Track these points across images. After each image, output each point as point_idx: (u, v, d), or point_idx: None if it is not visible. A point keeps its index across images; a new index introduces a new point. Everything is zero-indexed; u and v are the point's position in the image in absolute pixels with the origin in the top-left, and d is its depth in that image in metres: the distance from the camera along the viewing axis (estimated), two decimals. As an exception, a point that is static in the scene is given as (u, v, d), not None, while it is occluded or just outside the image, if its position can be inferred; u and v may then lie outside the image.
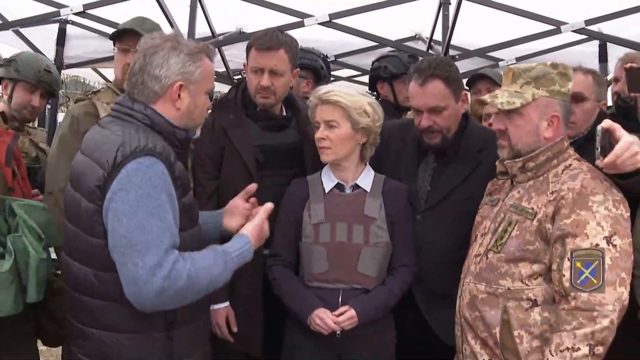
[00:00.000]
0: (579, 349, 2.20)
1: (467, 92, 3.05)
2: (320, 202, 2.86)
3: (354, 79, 6.66)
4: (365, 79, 5.13)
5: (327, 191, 2.88)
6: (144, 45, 2.35)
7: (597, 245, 2.26)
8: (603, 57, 5.60)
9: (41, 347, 2.94)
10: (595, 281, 2.24)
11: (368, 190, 2.87)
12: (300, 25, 4.82)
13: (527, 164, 2.50)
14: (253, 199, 2.72)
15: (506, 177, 2.62)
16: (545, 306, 2.37)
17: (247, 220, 2.57)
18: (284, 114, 3.22)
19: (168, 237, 2.14)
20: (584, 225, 2.28)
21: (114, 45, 3.45)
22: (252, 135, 3.07)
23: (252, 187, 2.74)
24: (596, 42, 5.65)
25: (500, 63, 5.78)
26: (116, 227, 2.13)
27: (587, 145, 2.68)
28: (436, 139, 2.94)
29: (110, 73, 7.64)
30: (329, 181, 2.89)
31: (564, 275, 2.28)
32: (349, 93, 2.82)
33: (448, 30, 4.62)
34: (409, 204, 2.94)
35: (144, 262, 2.09)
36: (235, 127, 3.07)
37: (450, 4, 4.78)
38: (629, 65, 3.08)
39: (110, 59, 6.01)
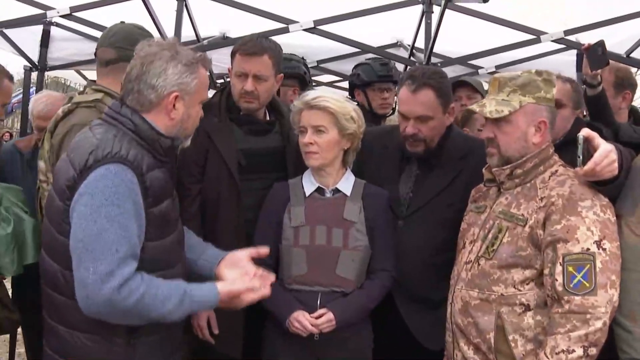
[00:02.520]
0: (573, 350, 2.25)
1: (454, 106, 3.09)
2: (300, 205, 2.89)
3: (335, 84, 6.72)
4: (346, 84, 5.21)
5: (307, 195, 2.91)
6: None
7: (588, 249, 2.31)
8: (580, 66, 5.65)
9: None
10: (587, 284, 2.29)
11: (348, 194, 2.90)
12: (285, 31, 4.85)
13: (514, 171, 2.55)
14: (260, 272, 2.54)
15: (493, 184, 2.65)
16: (538, 310, 2.42)
17: (239, 277, 2.48)
18: (268, 118, 3.26)
19: (125, 246, 2.12)
20: (575, 230, 2.33)
21: None
22: (236, 139, 3.10)
23: (265, 251, 2.66)
24: (574, 52, 5.71)
25: (480, 71, 5.85)
26: (76, 230, 2.14)
27: (562, 151, 2.73)
28: (419, 148, 2.99)
29: (93, 75, 7.64)
30: (309, 185, 2.92)
31: (557, 280, 2.33)
32: (337, 99, 2.87)
33: (431, 39, 4.67)
34: (389, 209, 2.97)
35: (95, 268, 2.08)
36: (219, 131, 3.09)
37: (432, 12, 4.82)
38: (586, 44, 3.24)
39: (93, 61, 6.06)
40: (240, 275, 2.48)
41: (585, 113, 3.69)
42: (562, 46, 5.43)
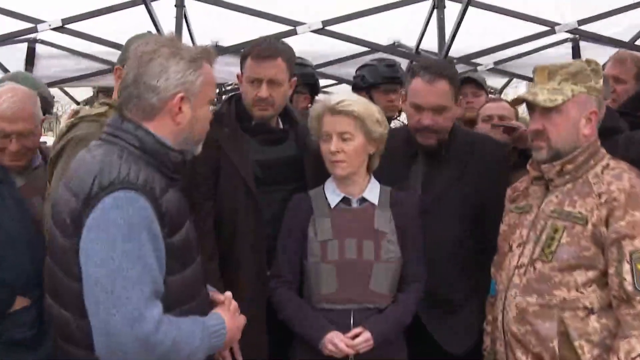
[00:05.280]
0: None
1: (461, 100, 3.08)
2: (325, 217, 2.72)
3: (325, 90, 6.63)
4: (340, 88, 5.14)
5: (332, 206, 2.75)
6: (137, 51, 2.06)
7: None
8: (576, 57, 5.70)
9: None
10: None
11: (376, 203, 2.76)
12: (292, 33, 4.75)
13: (565, 167, 2.43)
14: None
15: (540, 181, 2.55)
16: (602, 313, 2.31)
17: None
18: (281, 126, 3.10)
19: (150, 285, 1.86)
20: None
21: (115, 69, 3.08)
22: (250, 150, 2.94)
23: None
24: (569, 45, 5.79)
25: (479, 68, 5.80)
26: (90, 272, 1.85)
27: None
28: (432, 140, 2.91)
29: (78, 93, 7.49)
30: (334, 195, 2.76)
31: (625, 279, 2.22)
32: (362, 102, 2.74)
33: (445, 35, 4.62)
34: (418, 215, 2.83)
35: (121, 313, 1.80)
36: (231, 142, 2.93)
37: (445, 7, 4.77)
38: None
39: (80, 77, 5.93)
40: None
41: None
42: (558, 39, 5.45)
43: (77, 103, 7.49)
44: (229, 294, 2.27)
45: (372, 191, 2.78)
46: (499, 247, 2.68)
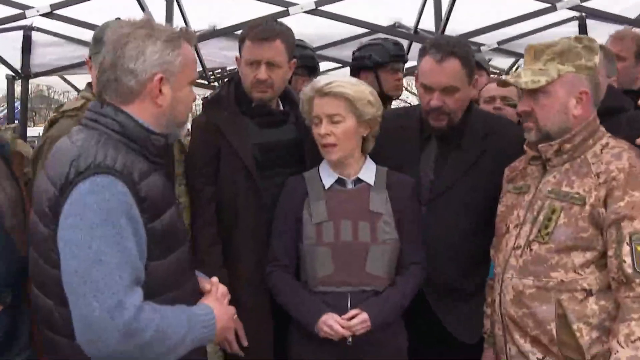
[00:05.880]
0: None
1: (477, 78, 2.93)
2: (320, 199, 2.68)
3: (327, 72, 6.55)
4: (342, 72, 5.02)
5: (327, 187, 2.70)
6: (112, 35, 2.01)
7: None
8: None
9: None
10: None
11: (372, 183, 2.71)
12: (285, 14, 4.64)
13: (563, 146, 2.37)
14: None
15: (537, 161, 2.48)
16: (600, 294, 2.26)
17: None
18: (281, 108, 3.05)
19: (129, 271, 1.81)
20: None
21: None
22: (249, 134, 2.89)
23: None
24: (575, 23, 5.66)
25: (482, 48, 5.71)
26: (68, 260, 1.81)
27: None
28: (443, 122, 2.80)
29: (79, 80, 7.46)
30: (328, 177, 2.71)
31: (625, 261, 2.17)
32: (352, 82, 2.67)
33: (442, 14, 4.50)
34: (416, 197, 2.79)
35: (100, 302, 1.75)
36: (231, 125, 2.89)
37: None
38: None
39: (78, 65, 5.89)
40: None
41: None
42: (563, 17, 5.31)
43: (78, 90, 7.48)
44: (215, 279, 2.23)
45: (368, 172, 2.73)
46: (496, 229, 2.63)
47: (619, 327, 2.15)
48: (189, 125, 3.36)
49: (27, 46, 5.60)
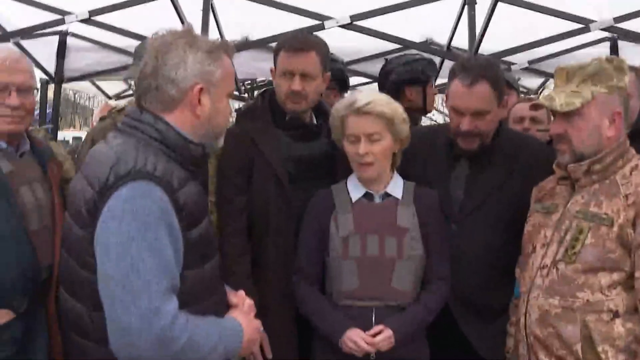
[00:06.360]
0: None
1: (507, 98, 2.92)
2: (347, 212, 2.68)
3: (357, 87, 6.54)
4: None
5: (354, 201, 2.70)
6: (153, 43, 2.03)
7: None
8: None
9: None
10: None
11: (399, 198, 2.70)
12: (320, 28, 4.68)
13: (592, 167, 2.36)
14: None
15: (566, 181, 2.48)
16: (627, 316, 2.25)
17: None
18: (314, 121, 3.06)
19: (166, 279, 1.81)
20: None
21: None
22: (282, 146, 2.91)
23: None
24: (607, 44, 5.64)
25: (512, 67, 5.70)
26: (104, 264, 1.81)
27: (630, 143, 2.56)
28: (474, 144, 2.80)
29: (109, 86, 7.56)
30: (356, 190, 2.71)
31: None
32: (388, 101, 2.67)
33: (475, 32, 4.51)
34: (441, 211, 2.78)
35: (137, 307, 1.76)
36: (264, 136, 2.90)
37: (476, 3, 4.67)
38: None
39: (111, 71, 5.97)
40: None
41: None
42: (595, 38, 5.29)
43: (109, 97, 7.58)
44: (241, 293, 2.23)
45: (396, 186, 2.73)
46: (523, 248, 2.62)
47: None
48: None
49: (62, 51, 5.68)
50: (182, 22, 4.53)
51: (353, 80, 6.29)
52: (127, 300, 1.76)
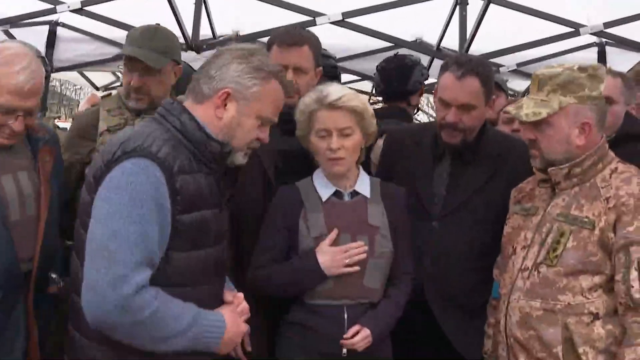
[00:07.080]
0: None
1: (495, 99, 2.95)
2: (318, 211, 2.65)
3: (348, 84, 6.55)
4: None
5: (324, 199, 2.67)
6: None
7: None
8: (602, 62, 5.60)
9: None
10: None
11: (368, 196, 2.70)
12: (312, 24, 4.69)
13: (572, 170, 2.39)
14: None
15: (547, 184, 2.50)
16: (607, 319, 2.28)
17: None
18: None
19: (142, 251, 1.92)
20: None
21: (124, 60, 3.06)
22: (271, 139, 2.90)
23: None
24: (595, 49, 5.66)
25: (501, 69, 5.72)
26: (93, 227, 1.96)
27: (616, 147, 2.59)
28: (456, 138, 2.83)
29: (97, 77, 7.51)
30: (325, 188, 2.68)
31: (633, 286, 2.20)
32: (358, 96, 2.68)
33: (466, 32, 4.54)
34: (406, 208, 2.77)
35: (107, 270, 1.88)
36: None
37: (468, 3, 4.69)
38: None
39: (100, 62, 5.93)
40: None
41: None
42: (583, 43, 5.32)
43: (97, 88, 7.53)
44: (240, 295, 2.27)
45: (363, 184, 2.72)
46: (502, 249, 2.65)
47: (625, 352, 2.17)
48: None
49: (51, 41, 5.65)
50: (175, 15, 4.51)
51: (343, 77, 6.32)
52: (101, 263, 1.89)
